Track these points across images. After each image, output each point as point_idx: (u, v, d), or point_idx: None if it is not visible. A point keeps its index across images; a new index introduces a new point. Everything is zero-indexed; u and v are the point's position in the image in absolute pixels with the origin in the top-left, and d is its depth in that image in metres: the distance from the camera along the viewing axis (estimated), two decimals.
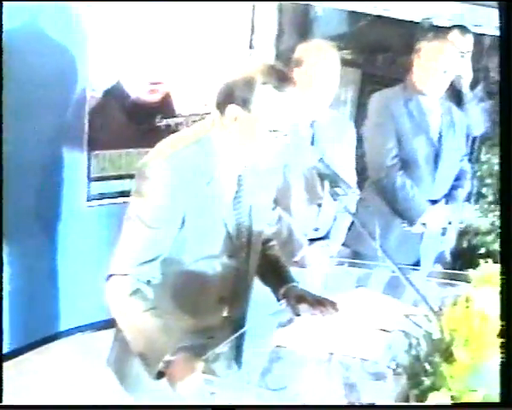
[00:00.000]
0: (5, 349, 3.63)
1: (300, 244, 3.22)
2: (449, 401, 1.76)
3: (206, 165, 2.20)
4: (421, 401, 1.78)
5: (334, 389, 2.10)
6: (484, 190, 4.91)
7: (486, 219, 4.92)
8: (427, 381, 1.80)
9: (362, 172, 3.74)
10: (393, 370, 1.91)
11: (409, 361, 1.88)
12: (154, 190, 2.14)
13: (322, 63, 3.14)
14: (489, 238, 4.82)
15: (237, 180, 2.30)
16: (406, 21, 5.59)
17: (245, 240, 2.34)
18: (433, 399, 1.77)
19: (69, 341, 3.99)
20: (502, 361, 1.86)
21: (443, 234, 4.06)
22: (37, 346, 3.85)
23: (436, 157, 3.74)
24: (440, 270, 3.98)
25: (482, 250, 4.76)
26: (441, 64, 3.64)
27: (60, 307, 3.96)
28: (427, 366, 1.84)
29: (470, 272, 2.21)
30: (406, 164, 3.71)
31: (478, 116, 4.43)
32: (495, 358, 1.89)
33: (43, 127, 3.60)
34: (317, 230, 3.30)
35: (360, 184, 3.67)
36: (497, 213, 4.78)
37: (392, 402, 1.89)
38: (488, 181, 4.79)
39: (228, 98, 2.18)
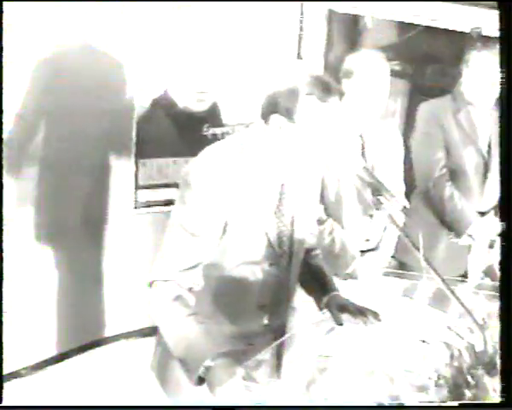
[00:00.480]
0: (52, 352, 3.72)
1: (353, 256, 3.24)
2: None
3: (248, 173, 2.21)
4: None
5: (378, 400, 2.08)
6: None
7: None
8: (468, 393, 1.78)
9: (410, 182, 3.72)
10: (435, 381, 1.88)
11: (451, 373, 1.85)
12: (197, 198, 2.16)
13: (372, 74, 3.14)
14: None
15: (280, 189, 2.30)
16: (455, 32, 5.55)
17: (287, 249, 2.34)
18: None
19: (114, 346, 4.03)
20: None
21: (491, 246, 4.00)
22: (83, 350, 3.89)
23: (485, 168, 3.70)
24: (489, 282, 3.93)
25: None
26: (491, 74, 3.59)
27: (105, 312, 4.01)
28: (470, 378, 1.82)
29: None
30: (455, 175, 3.68)
31: None
32: None
33: (92, 134, 3.64)
34: (368, 241, 3.32)
35: (408, 195, 3.66)
36: None
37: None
38: None
39: (272, 108, 2.18)
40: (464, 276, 3.70)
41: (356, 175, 2.39)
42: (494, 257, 4.30)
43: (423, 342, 2.18)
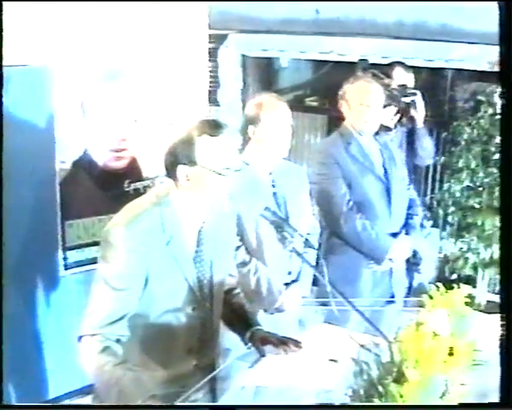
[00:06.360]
0: None
1: (279, 291, 3.37)
2: None
3: (165, 226, 2.36)
4: None
5: None
6: (449, 219, 5.08)
7: (455, 246, 5.08)
8: (379, 402, 1.93)
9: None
10: (350, 397, 2.03)
11: (363, 387, 2.01)
12: (117, 255, 2.30)
13: (276, 118, 3.31)
14: (459, 264, 4.98)
15: (197, 236, 2.45)
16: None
17: (207, 292, 2.49)
18: None
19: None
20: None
21: (414, 265, 4.19)
22: None
23: (388, 192, 3.85)
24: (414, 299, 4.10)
25: (454, 276, 4.93)
26: (367, 102, 3.76)
27: (47, 374, 4.03)
28: (380, 388, 1.98)
29: (425, 298, 2.35)
30: (361, 205, 3.79)
31: (429, 147, 4.62)
32: (444, 373, 2.03)
33: (15, 203, 3.67)
34: (289, 273, 3.44)
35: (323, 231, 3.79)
36: (465, 239, 4.95)
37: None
38: (452, 209, 4.96)
39: (175, 161, 2.35)
40: (392, 297, 3.85)
41: (260, 216, 2.55)
42: (419, 276, 4.50)
43: (334, 361, 2.33)
